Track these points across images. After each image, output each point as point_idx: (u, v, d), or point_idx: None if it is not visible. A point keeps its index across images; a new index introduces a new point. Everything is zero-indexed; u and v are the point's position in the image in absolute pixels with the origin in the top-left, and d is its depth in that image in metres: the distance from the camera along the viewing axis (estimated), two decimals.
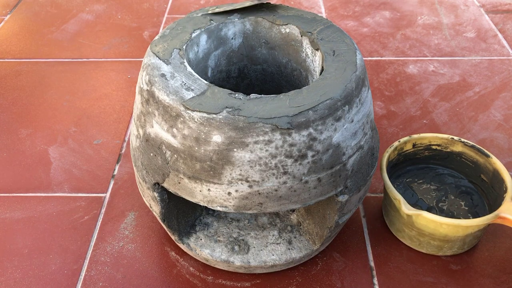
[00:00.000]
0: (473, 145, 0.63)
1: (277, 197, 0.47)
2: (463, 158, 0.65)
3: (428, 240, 0.58)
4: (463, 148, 0.64)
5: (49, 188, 0.69)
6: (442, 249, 0.59)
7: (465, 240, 0.58)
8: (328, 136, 0.45)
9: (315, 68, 0.55)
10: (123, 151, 0.75)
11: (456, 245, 0.59)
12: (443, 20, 1.07)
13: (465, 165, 0.65)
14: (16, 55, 0.96)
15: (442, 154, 0.66)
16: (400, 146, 0.64)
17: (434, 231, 0.57)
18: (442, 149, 0.66)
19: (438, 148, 0.66)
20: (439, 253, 0.60)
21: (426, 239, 0.58)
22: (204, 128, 0.44)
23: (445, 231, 0.56)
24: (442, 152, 0.66)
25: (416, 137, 0.65)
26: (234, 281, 0.58)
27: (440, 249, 0.59)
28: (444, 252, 0.59)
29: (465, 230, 0.56)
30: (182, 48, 0.51)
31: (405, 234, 0.60)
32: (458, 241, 0.58)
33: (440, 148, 0.65)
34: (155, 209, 0.55)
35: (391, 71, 0.92)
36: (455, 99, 0.85)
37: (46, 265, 0.60)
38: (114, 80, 0.90)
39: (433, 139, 0.65)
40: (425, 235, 0.58)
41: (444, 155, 0.66)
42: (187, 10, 1.10)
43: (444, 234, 0.56)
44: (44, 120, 0.81)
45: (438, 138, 0.65)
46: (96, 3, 1.14)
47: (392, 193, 0.57)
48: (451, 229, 0.56)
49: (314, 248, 0.57)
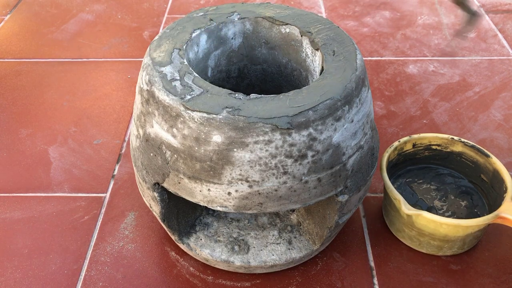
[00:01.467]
0: (473, 145, 0.63)
1: (277, 197, 0.47)
2: (463, 158, 0.65)
3: (428, 240, 0.58)
4: (463, 148, 0.64)
5: (49, 188, 0.69)
6: (442, 249, 0.59)
7: (465, 240, 0.58)
8: (328, 136, 0.45)
9: (315, 68, 0.55)
10: (123, 151, 0.75)
11: (456, 245, 0.59)
12: (443, 20, 1.07)
13: (465, 165, 0.65)
14: (16, 55, 0.96)
15: (442, 154, 0.66)
16: (400, 146, 0.64)
17: (434, 231, 0.57)
18: (442, 149, 0.66)
19: (438, 148, 0.66)
20: (439, 253, 0.60)
21: (426, 239, 0.58)
22: (204, 128, 0.44)
23: (445, 231, 0.56)
24: (442, 152, 0.66)
25: (416, 137, 0.65)
26: (234, 281, 0.58)
27: (440, 249, 0.59)
28: (444, 252, 0.59)
29: (465, 230, 0.56)
30: (182, 48, 0.51)
31: (405, 234, 0.60)
32: (458, 241, 0.58)
33: (440, 148, 0.65)
34: (155, 209, 0.55)
35: (391, 71, 0.92)
36: (455, 99, 0.85)
37: (46, 265, 0.60)
38: (114, 80, 0.90)
39: (433, 139, 0.65)
40: (425, 235, 0.58)
41: (444, 155, 0.66)
42: (187, 10, 1.10)
43: (444, 234, 0.56)
44: (44, 120, 0.81)
45: (438, 138, 0.65)
46: (96, 3, 1.14)
47: (392, 193, 0.57)
48: (451, 229, 0.56)
49: (314, 248, 0.57)
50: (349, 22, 1.06)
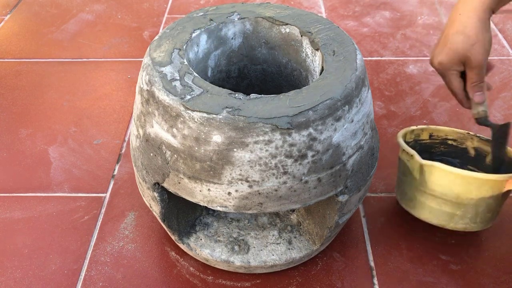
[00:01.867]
0: (488, 139, 0.63)
1: (277, 197, 0.47)
2: (478, 154, 0.65)
3: (440, 204, 0.56)
4: (479, 143, 0.64)
5: (49, 188, 0.69)
6: (453, 219, 0.57)
7: (477, 209, 0.56)
8: (328, 136, 0.45)
9: (315, 68, 0.55)
10: (123, 151, 0.75)
11: (469, 214, 0.56)
12: (443, 20, 1.07)
13: (481, 160, 0.65)
14: (16, 55, 0.96)
15: (458, 150, 0.66)
16: (417, 131, 0.65)
17: (446, 190, 0.55)
18: (458, 145, 0.66)
19: (454, 143, 0.66)
20: (450, 224, 0.57)
21: (438, 203, 0.57)
22: (204, 128, 0.44)
23: (457, 190, 0.55)
24: (458, 148, 0.66)
25: (433, 128, 0.66)
26: (234, 281, 0.58)
27: (452, 218, 0.57)
28: (456, 223, 0.57)
29: (479, 189, 0.54)
30: (182, 48, 0.51)
31: (416, 202, 0.59)
32: (470, 207, 0.55)
33: (456, 143, 0.66)
34: (155, 209, 0.55)
35: (391, 71, 0.92)
36: (455, 99, 0.85)
37: (46, 265, 0.59)
38: (114, 80, 0.90)
39: (449, 133, 0.66)
40: (437, 197, 0.56)
41: (460, 152, 0.66)
42: (187, 10, 1.10)
43: (456, 194, 0.55)
44: (44, 120, 0.81)
45: (455, 132, 0.66)
46: (96, 3, 1.14)
47: (407, 149, 0.58)
48: (463, 187, 0.54)
49: (314, 248, 0.57)
50: (349, 22, 1.06)
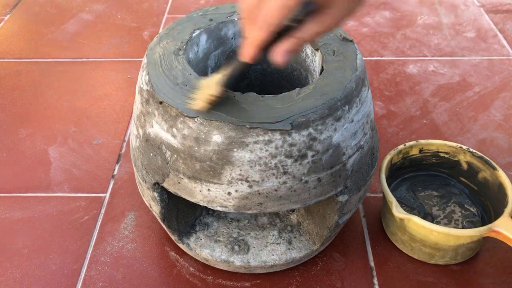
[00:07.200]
0: (481, 156, 0.61)
1: (277, 197, 0.47)
2: (470, 169, 0.63)
3: (420, 246, 0.58)
4: (471, 158, 0.62)
5: (49, 188, 0.69)
6: (433, 257, 0.58)
7: (457, 251, 0.57)
8: (328, 136, 0.45)
9: (315, 68, 0.55)
10: (123, 151, 0.75)
11: (448, 255, 0.57)
12: (443, 20, 1.07)
13: (473, 175, 0.63)
14: (16, 55, 0.96)
15: (450, 162, 0.64)
16: (405, 150, 0.63)
17: (425, 238, 0.56)
18: (450, 157, 0.64)
19: (446, 156, 0.64)
20: (431, 261, 0.59)
21: (417, 245, 0.58)
22: (204, 128, 0.44)
23: (435, 239, 0.55)
24: (450, 161, 0.64)
25: (423, 143, 0.63)
26: (234, 281, 0.58)
27: (432, 257, 0.58)
28: (436, 260, 0.58)
29: (457, 240, 0.55)
30: (182, 48, 0.51)
31: (398, 238, 0.60)
32: (450, 250, 0.57)
33: (448, 156, 0.64)
34: (155, 209, 0.55)
35: (391, 71, 0.92)
36: (455, 99, 0.85)
37: (46, 265, 0.59)
38: (114, 80, 0.90)
39: (441, 147, 0.64)
40: (417, 241, 0.57)
41: (452, 164, 0.64)
42: (187, 10, 1.10)
43: (435, 242, 0.56)
44: (44, 120, 0.81)
45: (447, 146, 0.63)
46: (96, 3, 1.14)
47: (387, 195, 0.57)
48: (441, 237, 0.55)
49: (314, 248, 0.57)
50: (349, 22, 1.06)
